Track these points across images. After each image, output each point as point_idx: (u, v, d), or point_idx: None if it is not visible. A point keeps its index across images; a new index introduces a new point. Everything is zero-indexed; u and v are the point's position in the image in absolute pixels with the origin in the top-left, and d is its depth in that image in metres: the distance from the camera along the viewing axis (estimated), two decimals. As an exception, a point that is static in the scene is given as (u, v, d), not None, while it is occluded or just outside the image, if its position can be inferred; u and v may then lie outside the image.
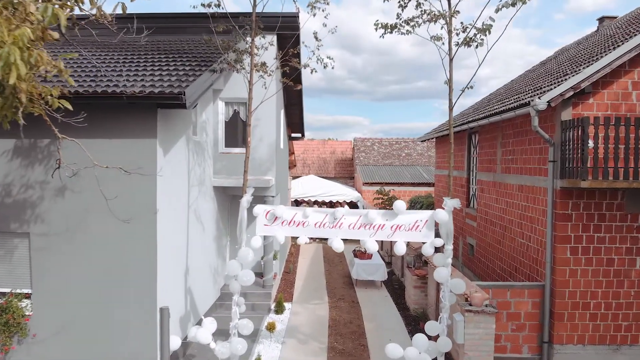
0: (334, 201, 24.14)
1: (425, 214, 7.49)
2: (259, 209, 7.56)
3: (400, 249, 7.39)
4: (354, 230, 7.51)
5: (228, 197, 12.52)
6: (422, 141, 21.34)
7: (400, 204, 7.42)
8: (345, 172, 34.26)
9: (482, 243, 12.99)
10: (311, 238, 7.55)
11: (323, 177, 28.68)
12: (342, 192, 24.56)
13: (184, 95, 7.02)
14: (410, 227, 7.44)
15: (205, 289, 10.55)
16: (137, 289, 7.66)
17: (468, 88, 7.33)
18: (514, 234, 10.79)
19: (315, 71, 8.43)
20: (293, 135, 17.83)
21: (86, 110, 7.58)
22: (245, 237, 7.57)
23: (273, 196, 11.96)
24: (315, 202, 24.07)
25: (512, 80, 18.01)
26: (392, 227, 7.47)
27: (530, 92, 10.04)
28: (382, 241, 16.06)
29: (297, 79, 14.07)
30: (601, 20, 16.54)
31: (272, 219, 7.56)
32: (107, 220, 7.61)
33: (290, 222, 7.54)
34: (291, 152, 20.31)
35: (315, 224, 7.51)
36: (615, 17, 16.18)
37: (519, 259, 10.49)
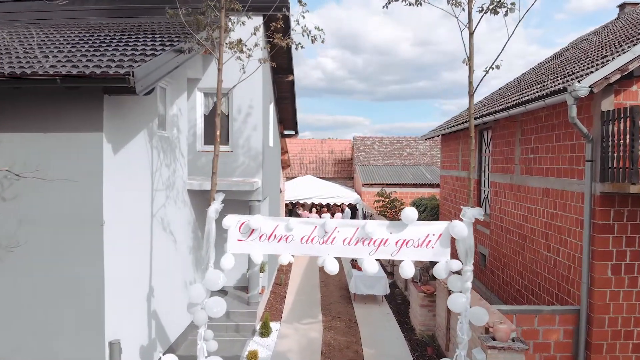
0: (332, 204, 22.61)
1: (438, 226, 5.98)
2: (230, 220, 6.06)
3: (407, 271, 5.88)
4: (349, 246, 6.00)
5: (208, 202, 10.97)
6: (426, 139, 19.85)
7: (410, 213, 5.89)
8: (344, 172, 32.78)
9: (497, 253, 11.49)
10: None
11: (321, 178, 27.18)
12: (341, 193, 23.05)
13: (132, 76, 5.52)
14: (420, 243, 5.93)
15: (178, 309, 9.03)
16: (81, 318, 6.16)
17: (493, 68, 5.83)
18: (537, 246, 9.29)
19: (302, 46, 6.95)
20: (286, 132, 16.31)
21: (17, 97, 6.13)
22: (214, 255, 6.06)
23: (259, 201, 10.46)
24: (312, 205, 22.56)
25: (523, 74, 16.55)
26: (397, 242, 5.96)
27: (559, 78, 8.54)
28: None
29: (289, 69, 12.61)
30: (622, 6, 15.12)
31: (247, 233, 6.05)
32: (44, 235, 6.11)
33: (270, 237, 6.03)
34: (284, 151, 18.79)
35: (302, 239, 6.00)
36: (638, 4, 14.82)
37: (543, 274, 8.99)
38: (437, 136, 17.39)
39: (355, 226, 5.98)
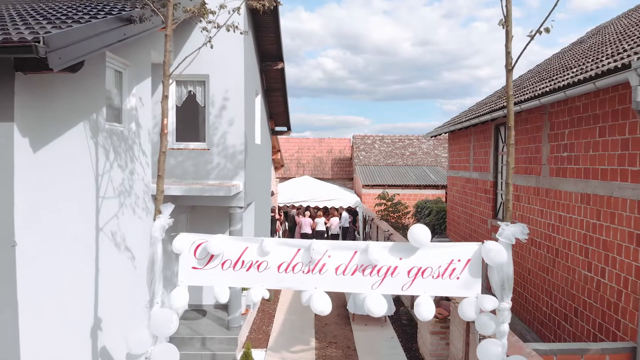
0: (329, 207, 21.04)
1: (465, 249, 4.43)
2: (181, 241, 4.53)
3: (424, 313, 4.33)
4: (344, 276, 4.47)
5: (183, 209, 9.45)
6: (432, 137, 18.32)
7: (419, 233, 4.35)
8: (343, 172, 31.23)
9: (518, 267, 9.92)
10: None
11: (319, 179, 25.59)
12: (339, 196, 21.46)
13: (42, 42, 3.97)
14: (442, 272, 4.39)
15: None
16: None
17: (540, 32, 4.30)
18: (572, 262, 7.74)
19: (280, 3, 5.42)
20: (277, 129, 14.74)
21: None
22: (161, 289, 4.51)
23: (241, 207, 8.91)
24: (308, 208, 21.00)
25: (537, 65, 15.01)
26: (409, 270, 4.42)
27: (602, 59, 6.96)
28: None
29: (278, 55, 11.06)
30: (648, -10, 13.58)
31: (205, 258, 4.51)
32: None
33: (237, 263, 4.48)
34: (276, 150, 17.23)
35: (280, 266, 4.45)
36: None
37: (581, 298, 7.44)
38: (446, 133, 15.85)
39: (353, 249, 4.43)
